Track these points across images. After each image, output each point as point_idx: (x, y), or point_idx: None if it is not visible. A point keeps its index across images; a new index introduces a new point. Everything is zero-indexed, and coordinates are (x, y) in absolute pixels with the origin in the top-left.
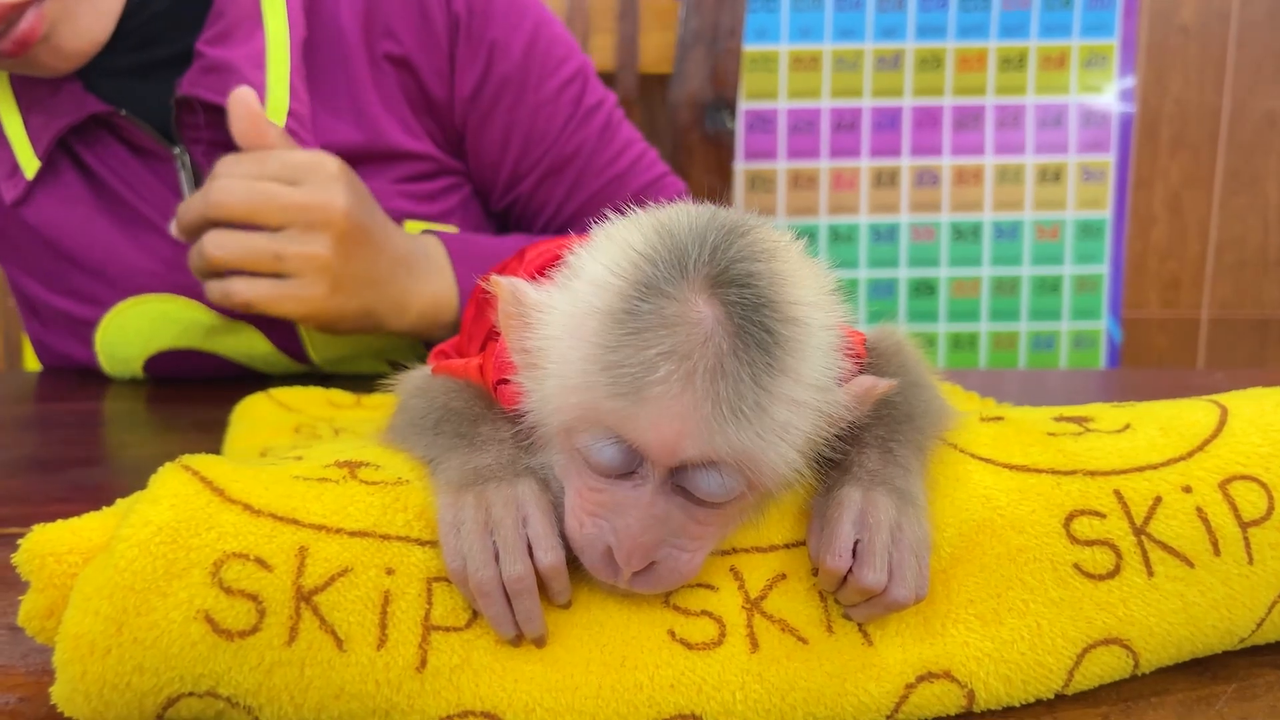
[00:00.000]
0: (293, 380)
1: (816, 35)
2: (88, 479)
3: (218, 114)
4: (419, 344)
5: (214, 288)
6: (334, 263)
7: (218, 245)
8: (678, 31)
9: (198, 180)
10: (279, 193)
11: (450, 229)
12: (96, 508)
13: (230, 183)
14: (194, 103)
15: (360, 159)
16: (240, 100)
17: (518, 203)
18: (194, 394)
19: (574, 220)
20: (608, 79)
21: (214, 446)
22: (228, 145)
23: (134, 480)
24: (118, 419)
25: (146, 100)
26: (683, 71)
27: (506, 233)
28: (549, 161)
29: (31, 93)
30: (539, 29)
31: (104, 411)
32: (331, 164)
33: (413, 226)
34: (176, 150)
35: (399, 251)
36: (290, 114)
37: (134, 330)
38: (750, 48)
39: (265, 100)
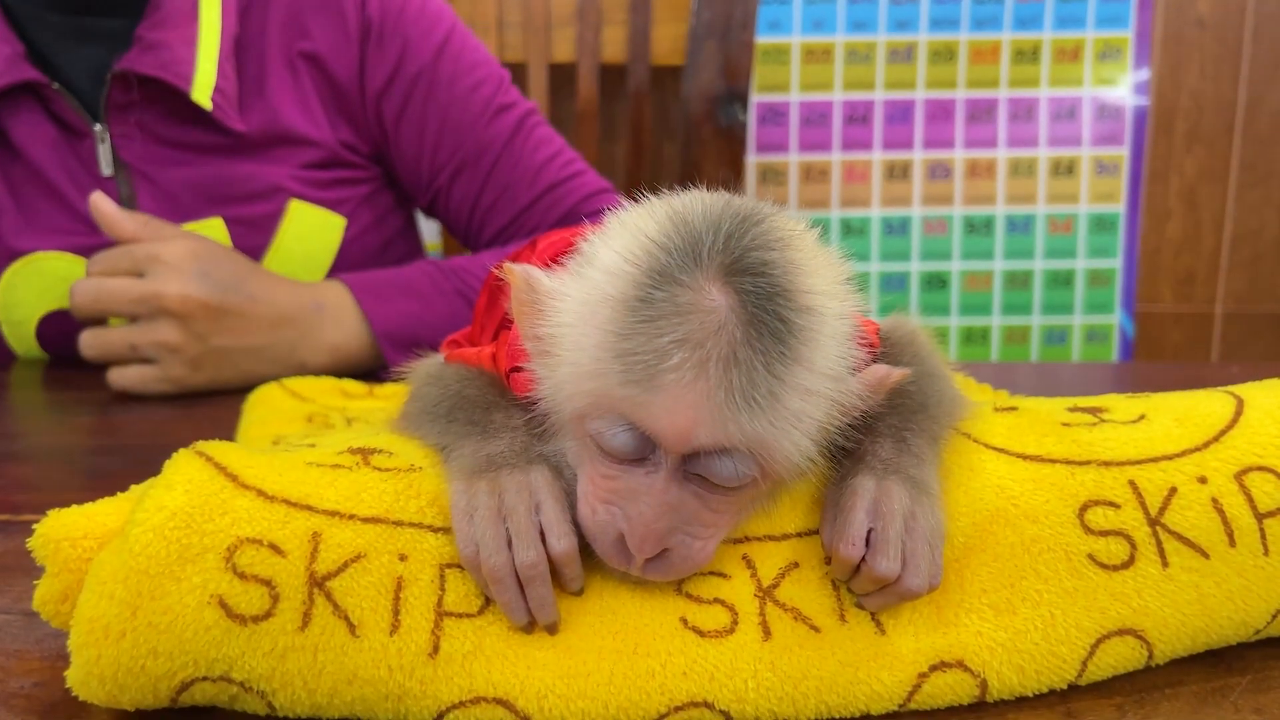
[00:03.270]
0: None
1: (829, 28)
2: (102, 466)
3: (152, 88)
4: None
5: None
6: (185, 344)
7: (86, 345)
8: (690, 24)
9: (115, 158)
10: (122, 287)
11: (339, 219)
12: (111, 495)
13: (83, 284)
14: (129, 77)
15: (263, 143)
16: (96, 203)
17: (438, 199)
18: None
19: (491, 212)
20: (619, 71)
21: (227, 436)
22: (156, 118)
23: (148, 467)
24: (131, 408)
25: (77, 74)
26: (695, 64)
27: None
28: (461, 155)
29: None
30: (451, 35)
31: (118, 400)
32: (175, 251)
33: (299, 206)
34: (98, 128)
35: (277, 315)
36: (217, 89)
37: (25, 288)
38: (762, 40)
39: (194, 75)
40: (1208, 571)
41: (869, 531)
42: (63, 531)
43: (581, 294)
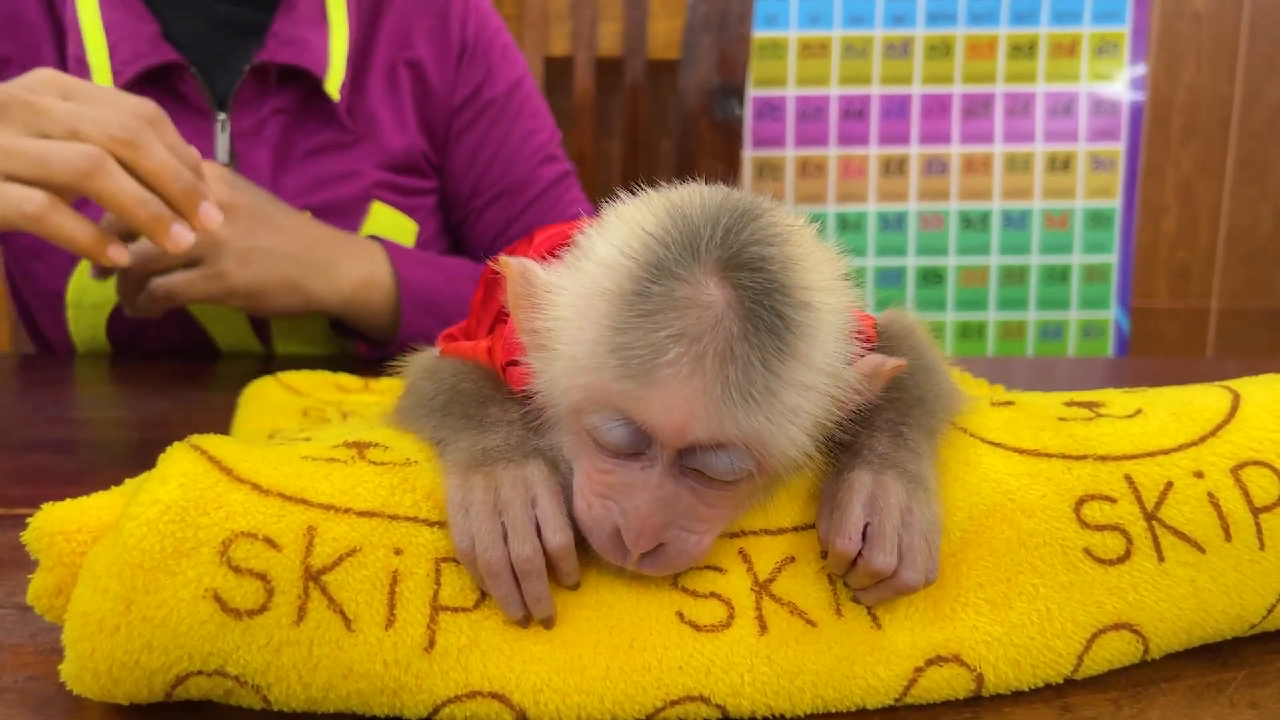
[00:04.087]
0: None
1: (826, 22)
2: (96, 460)
3: (287, 79)
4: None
5: (140, 300)
6: (232, 236)
7: (133, 253)
8: (686, 18)
9: (230, 146)
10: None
11: (412, 224)
12: (105, 488)
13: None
14: (269, 68)
15: (358, 141)
16: (208, 213)
17: (468, 220)
18: (202, 377)
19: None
20: (615, 65)
21: (222, 430)
22: (285, 109)
23: (142, 461)
24: (127, 401)
25: (206, 60)
26: (691, 58)
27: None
28: (504, 184)
29: (117, 29)
30: (525, 80)
31: (113, 394)
32: (212, 168)
33: (380, 209)
34: (221, 116)
35: (312, 232)
36: (341, 86)
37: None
38: (759, 34)
39: (328, 71)
40: (1203, 566)
41: (865, 526)
42: (57, 525)
43: (578, 288)
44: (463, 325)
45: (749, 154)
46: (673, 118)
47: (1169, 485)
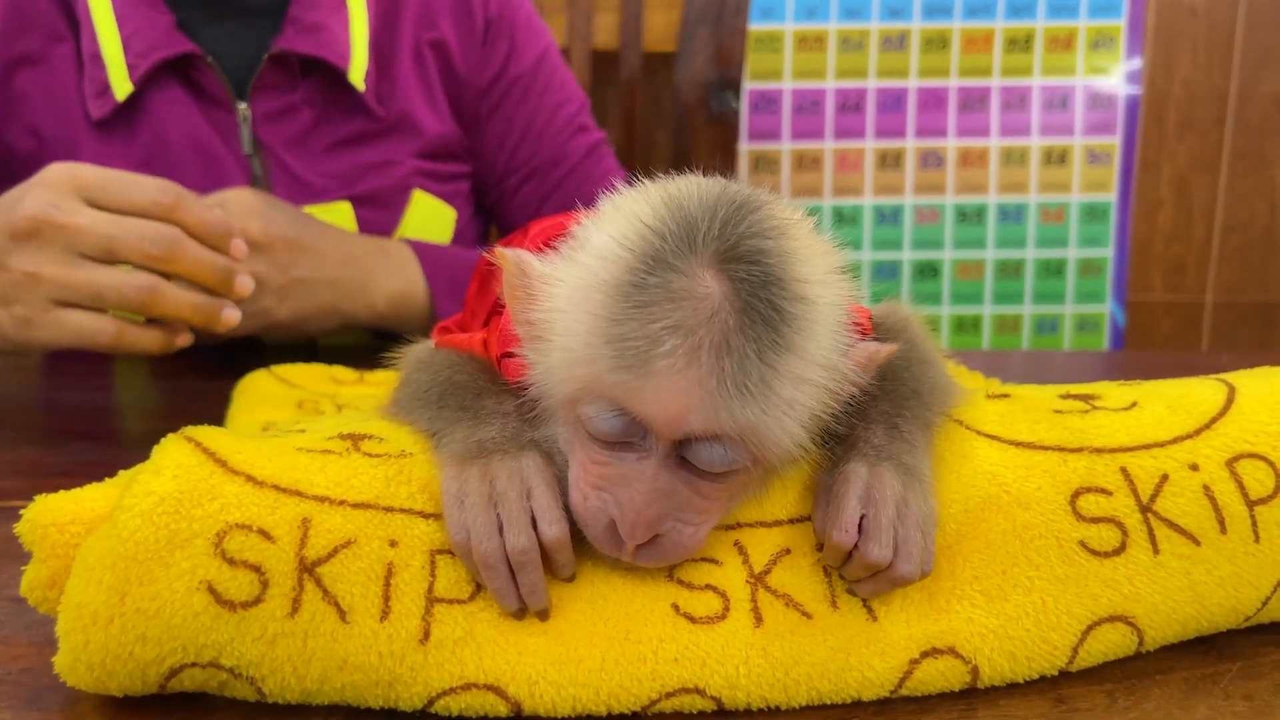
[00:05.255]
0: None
1: (822, 15)
2: (90, 452)
3: (309, 69)
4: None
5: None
6: (270, 274)
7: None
8: (682, 10)
9: (253, 137)
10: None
11: (451, 211)
12: (99, 480)
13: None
14: (290, 57)
15: (392, 129)
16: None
17: (503, 199)
18: (197, 369)
19: None
20: (611, 58)
21: (217, 422)
22: (309, 101)
23: (136, 453)
24: (120, 393)
25: (224, 49)
26: (687, 51)
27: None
28: (537, 161)
29: (131, 21)
30: (550, 52)
31: (107, 386)
32: (239, 195)
33: (421, 196)
34: (241, 106)
35: (346, 252)
36: (367, 75)
37: None
38: (755, 27)
39: (350, 60)
40: (1199, 558)
41: (861, 518)
42: (50, 517)
43: (574, 278)
44: (458, 318)
45: (745, 147)
46: (668, 111)
47: (1164, 478)
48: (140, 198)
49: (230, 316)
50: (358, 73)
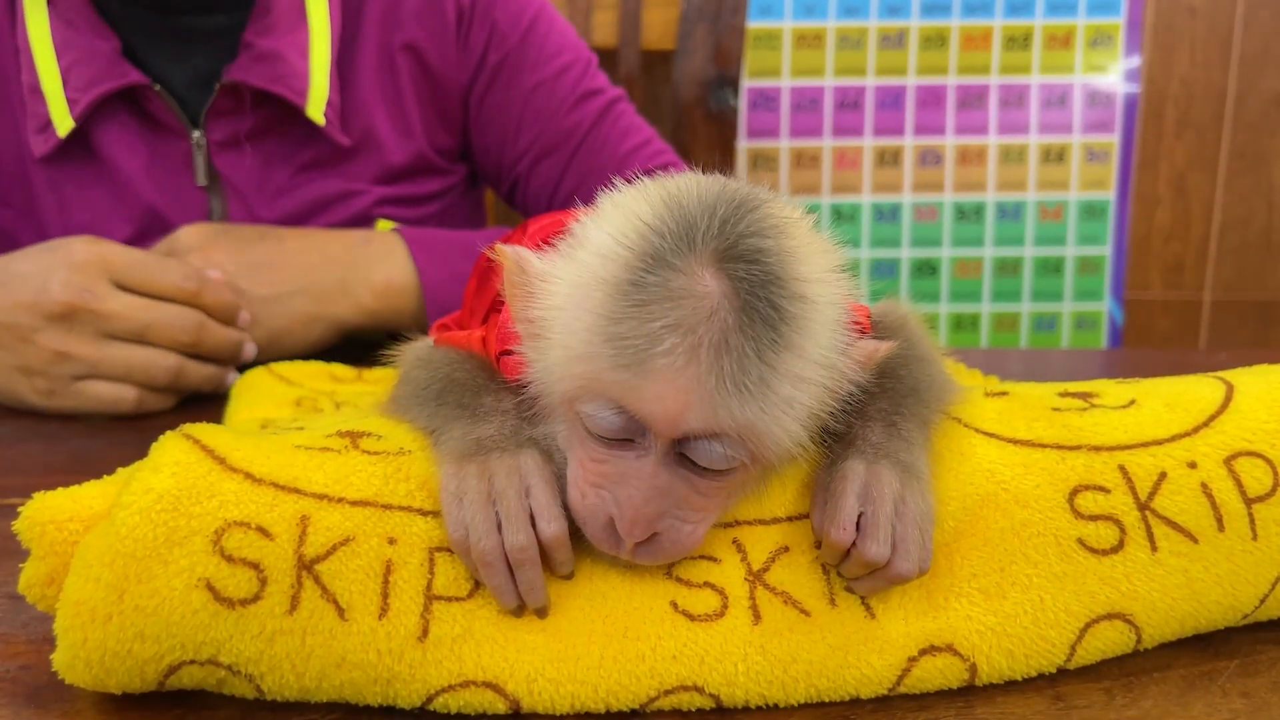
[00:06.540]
0: None
1: (821, 12)
2: (88, 449)
3: (263, 100)
4: None
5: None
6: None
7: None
8: (681, 8)
9: (208, 166)
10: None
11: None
12: (97, 477)
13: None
14: (241, 88)
15: (354, 150)
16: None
17: (518, 186)
18: None
19: (570, 201)
20: (610, 55)
21: (215, 420)
22: (265, 131)
23: (134, 451)
24: None
25: (175, 77)
26: (686, 48)
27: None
28: (543, 142)
29: (72, 50)
30: (539, 18)
31: None
32: (187, 231)
33: (385, 228)
34: (195, 134)
35: (317, 253)
36: (329, 104)
37: None
38: (754, 24)
39: (309, 89)
40: (1196, 556)
41: (859, 516)
42: (48, 514)
43: (573, 277)
44: (457, 315)
45: (743, 145)
46: (667, 108)
47: (1162, 475)
48: (167, 284)
49: (231, 379)
50: (316, 106)
